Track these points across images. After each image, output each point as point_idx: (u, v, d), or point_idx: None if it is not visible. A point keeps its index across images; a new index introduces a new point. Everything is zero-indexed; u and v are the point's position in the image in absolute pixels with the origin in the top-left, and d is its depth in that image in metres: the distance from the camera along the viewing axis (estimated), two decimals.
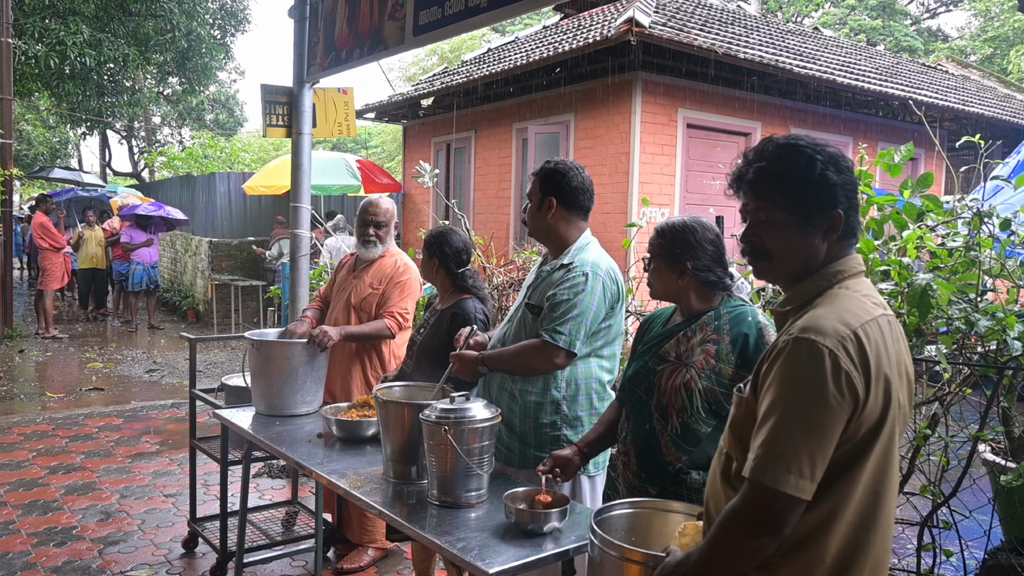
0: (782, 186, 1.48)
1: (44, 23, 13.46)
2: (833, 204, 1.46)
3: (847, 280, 1.48)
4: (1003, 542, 3.16)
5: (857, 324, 1.37)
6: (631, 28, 7.12)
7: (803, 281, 1.50)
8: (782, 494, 1.32)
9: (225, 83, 28.51)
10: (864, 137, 9.95)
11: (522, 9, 3.26)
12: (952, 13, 29.71)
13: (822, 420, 1.32)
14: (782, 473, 1.31)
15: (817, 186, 1.46)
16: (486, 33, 21.07)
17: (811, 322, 1.38)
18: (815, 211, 1.47)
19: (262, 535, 3.85)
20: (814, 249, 1.49)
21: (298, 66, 4.92)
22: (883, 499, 1.42)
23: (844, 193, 1.47)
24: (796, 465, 1.31)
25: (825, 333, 1.34)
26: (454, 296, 3.19)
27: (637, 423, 2.16)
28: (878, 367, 1.36)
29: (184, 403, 6.97)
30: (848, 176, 1.48)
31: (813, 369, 1.32)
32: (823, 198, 1.46)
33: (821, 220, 1.47)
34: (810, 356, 1.33)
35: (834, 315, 1.38)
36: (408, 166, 12.19)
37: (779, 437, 1.33)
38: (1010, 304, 2.69)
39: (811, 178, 1.46)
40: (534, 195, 2.67)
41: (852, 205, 1.48)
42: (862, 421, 1.35)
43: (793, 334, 1.37)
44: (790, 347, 1.36)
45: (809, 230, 1.47)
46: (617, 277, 2.63)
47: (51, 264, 10.96)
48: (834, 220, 1.46)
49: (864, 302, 1.43)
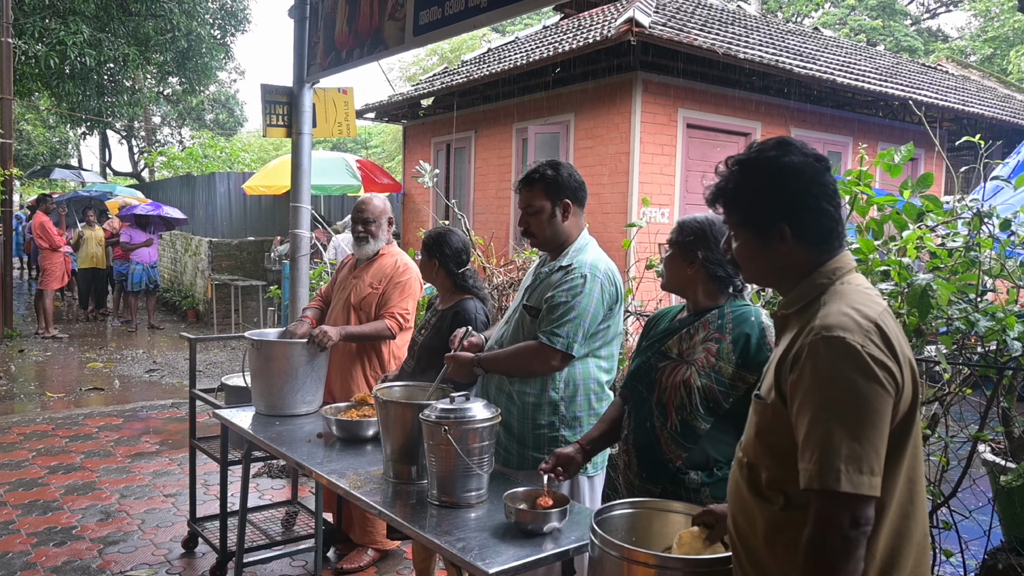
0: (734, 203, 1.56)
1: (44, 23, 13.46)
2: (779, 218, 1.49)
3: (846, 276, 1.49)
4: (1003, 542, 3.15)
5: (875, 315, 1.38)
6: (631, 28, 7.12)
7: (800, 283, 1.51)
8: (856, 497, 1.28)
9: (225, 83, 28.52)
10: (864, 137, 9.95)
11: (522, 9, 3.26)
12: (952, 13, 29.72)
13: (872, 414, 1.31)
14: (852, 475, 1.28)
15: (761, 202, 1.52)
16: (486, 33, 21.07)
17: (830, 320, 1.37)
18: (764, 225, 1.51)
19: (262, 535, 3.85)
20: (779, 258, 1.52)
21: (298, 66, 4.92)
22: (917, 485, 1.43)
23: (794, 204, 1.49)
24: (859, 464, 1.29)
25: (849, 329, 1.35)
26: (454, 296, 3.19)
27: (638, 421, 2.16)
28: (903, 352, 1.37)
29: (184, 403, 6.97)
30: (805, 186, 1.49)
31: (851, 365, 1.32)
32: (768, 213, 1.51)
33: (774, 233, 1.50)
34: (845, 354, 1.33)
35: (850, 309, 1.38)
36: (408, 166, 12.19)
37: (834, 440, 1.29)
38: (1010, 304, 2.69)
39: (755, 194, 1.52)
40: (541, 203, 2.61)
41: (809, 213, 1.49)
42: (899, 408, 1.36)
43: (817, 335, 1.36)
44: (820, 348, 1.35)
45: (770, 241, 1.51)
46: (616, 278, 2.62)
47: (51, 264, 10.96)
48: (781, 232, 1.50)
49: (870, 294, 1.45)
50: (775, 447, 1.44)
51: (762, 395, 1.51)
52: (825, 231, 1.50)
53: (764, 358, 2.01)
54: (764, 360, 2.01)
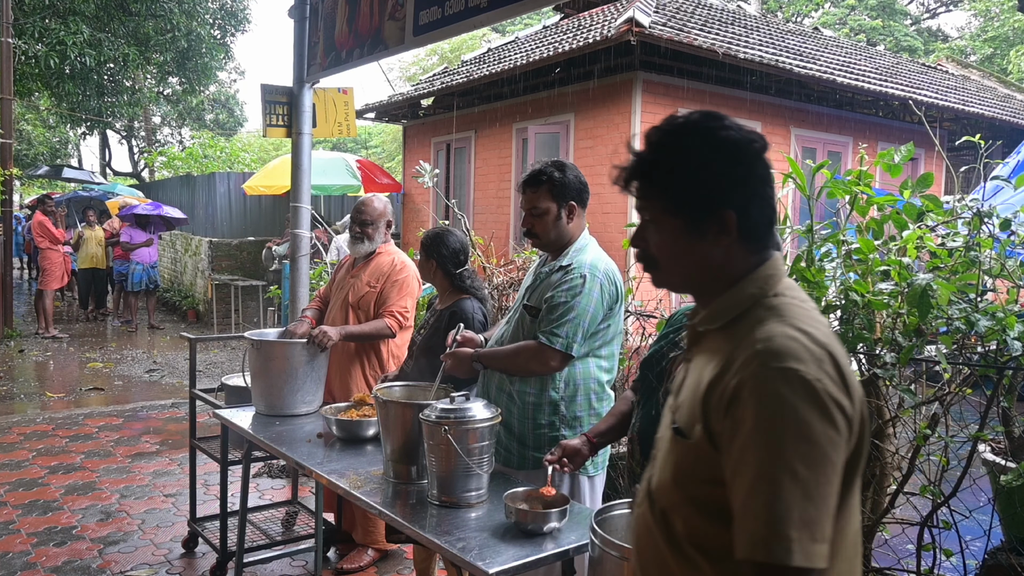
0: (662, 182, 1.24)
1: (44, 23, 13.46)
2: (722, 202, 1.20)
3: (780, 287, 1.21)
4: (1003, 542, 3.16)
5: (825, 339, 1.12)
6: (631, 28, 7.12)
7: (726, 292, 1.23)
8: (809, 572, 1.01)
9: (225, 83, 28.53)
10: (864, 137, 9.95)
11: (522, 9, 3.26)
12: (952, 13, 29.73)
13: (828, 467, 1.05)
14: (806, 544, 1.01)
15: (701, 181, 1.21)
16: (486, 33, 21.07)
17: (775, 345, 1.09)
18: (702, 211, 1.21)
19: (262, 535, 3.85)
20: (713, 256, 1.23)
21: (298, 66, 4.92)
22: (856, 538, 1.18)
23: (741, 187, 1.21)
24: (813, 530, 1.02)
25: (801, 358, 1.07)
26: (453, 296, 3.20)
27: (645, 410, 2.17)
28: (854, 383, 1.12)
29: (184, 403, 6.97)
30: (751, 166, 1.22)
31: (805, 406, 1.04)
32: (709, 195, 1.21)
33: (713, 221, 1.21)
34: (800, 390, 1.05)
35: (797, 332, 1.11)
36: (408, 166, 12.19)
37: (784, 501, 1.02)
38: (1010, 304, 2.69)
39: (694, 172, 1.21)
40: (546, 204, 2.60)
41: (756, 200, 1.22)
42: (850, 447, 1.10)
43: (762, 365, 1.08)
44: (768, 383, 1.07)
45: (699, 234, 1.22)
46: (616, 278, 2.63)
47: (51, 264, 10.96)
48: (725, 221, 1.20)
49: (810, 310, 1.19)
50: (698, 499, 1.16)
51: (683, 430, 1.20)
52: (768, 226, 1.24)
53: None
54: None
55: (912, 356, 2.55)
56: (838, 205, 3.10)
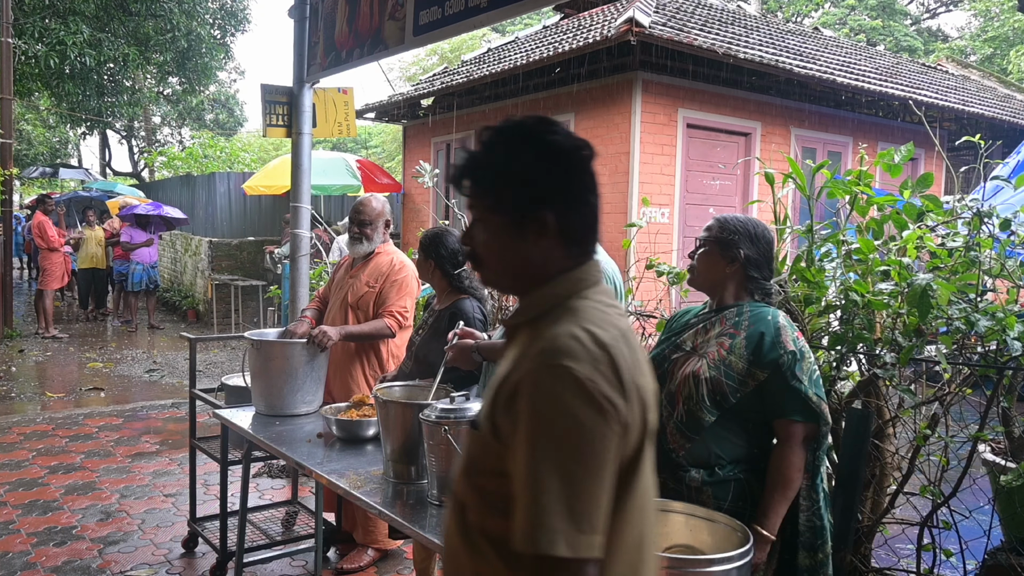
0: (486, 182, 1.28)
1: (44, 23, 13.46)
2: (543, 204, 1.23)
3: (587, 290, 1.25)
4: (1003, 542, 3.15)
5: (609, 340, 1.15)
6: (631, 28, 7.12)
7: (534, 292, 1.27)
8: (576, 562, 1.06)
9: (225, 83, 28.51)
10: (864, 137, 9.95)
11: (522, 9, 3.26)
12: (952, 13, 29.72)
13: (596, 462, 1.09)
14: (571, 535, 1.06)
15: (524, 183, 1.24)
16: (486, 33, 21.07)
17: (557, 343, 1.14)
18: (523, 211, 1.24)
19: (262, 535, 3.85)
20: (533, 256, 1.26)
21: (298, 66, 4.92)
22: (647, 539, 1.22)
23: (562, 191, 1.24)
24: (579, 521, 1.06)
25: (576, 356, 1.12)
26: (451, 296, 3.20)
27: None
28: (634, 383, 1.16)
29: (184, 403, 6.97)
30: (574, 172, 1.25)
31: (575, 402, 1.09)
32: (531, 197, 1.24)
33: (533, 222, 1.24)
34: (570, 387, 1.09)
35: (581, 332, 1.15)
36: (408, 166, 12.19)
37: (550, 493, 1.06)
38: (1010, 304, 2.69)
39: (518, 173, 1.25)
40: None
41: (577, 205, 1.25)
42: (627, 446, 1.15)
43: (539, 362, 1.13)
44: (541, 379, 1.12)
45: (521, 234, 1.25)
46: (616, 277, 2.63)
47: (51, 264, 10.96)
48: (545, 222, 1.23)
49: (609, 313, 1.23)
50: (486, 490, 1.20)
51: (476, 421, 1.27)
52: (588, 231, 1.28)
53: (776, 357, 2.02)
54: (775, 359, 2.02)
55: (912, 356, 2.55)
56: (838, 205, 3.10)
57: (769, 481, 2.03)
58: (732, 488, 2.04)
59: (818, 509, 2.08)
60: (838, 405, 2.77)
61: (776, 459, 2.03)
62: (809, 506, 2.06)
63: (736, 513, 2.01)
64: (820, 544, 2.08)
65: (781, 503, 2.01)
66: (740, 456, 2.07)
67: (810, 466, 2.07)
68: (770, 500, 2.01)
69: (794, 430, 2.02)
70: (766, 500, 2.01)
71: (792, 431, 2.03)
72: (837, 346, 2.73)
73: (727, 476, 2.04)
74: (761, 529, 1.99)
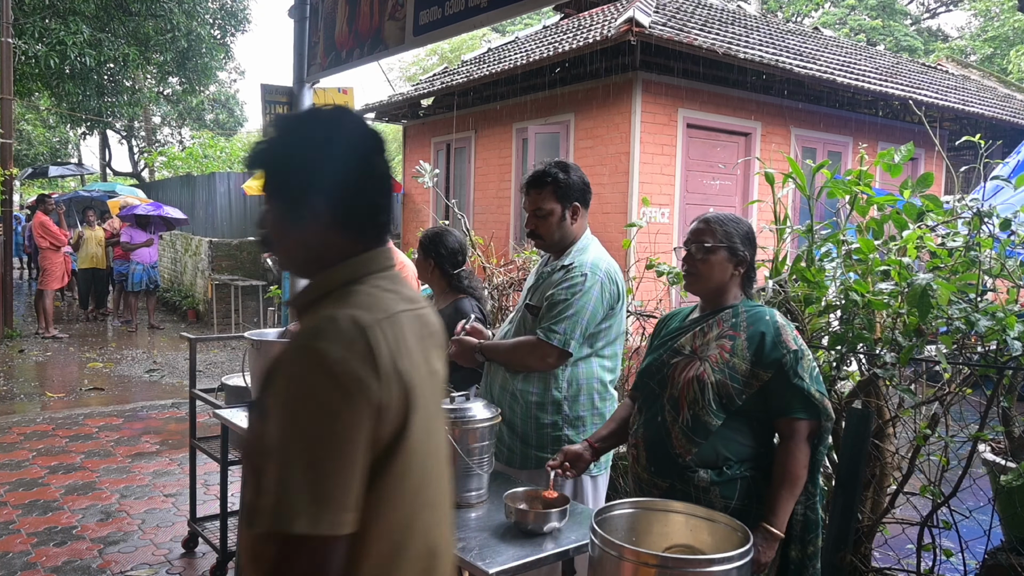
0: (267, 168, 1.32)
1: (44, 23, 13.47)
2: (312, 190, 1.26)
3: (368, 276, 1.28)
4: (1003, 542, 3.15)
5: (369, 321, 1.17)
6: (631, 28, 7.12)
7: (318, 276, 1.30)
8: (317, 539, 1.07)
9: (225, 83, 28.53)
10: (864, 137, 9.95)
11: (522, 9, 3.25)
12: (952, 13, 29.73)
13: (339, 440, 1.10)
14: (311, 512, 1.06)
15: (299, 169, 1.28)
16: (486, 33, 21.07)
17: (314, 324, 1.17)
18: (298, 196, 1.27)
19: None
20: (310, 240, 1.29)
21: (298, 66, 4.91)
22: (421, 518, 1.23)
23: (337, 179, 1.26)
24: (321, 499, 1.07)
25: (327, 337, 1.14)
26: (450, 296, 3.20)
27: (649, 416, 2.17)
28: (392, 364, 1.16)
29: (184, 403, 6.97)
30: (352, 160, 1.28)
31: (321, 382, 1.11)
32: (301, 183, 1.27)
33: (306, 209, 1.27)
34: (316, 367, 1.11)
35: (342, 314, 1.18)
36: (408, 166, 12.19)
37: (291, 470, 1.08)
38: (1010, 304, 2.69)
39: (295, 159, 1.28)
40: (551, 206, 2.60)
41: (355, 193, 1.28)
42: (382, 432, 1.15)
43: (295, 342, 1.16)
44: (292, 358, 1.14)
45: (297, 219, 1.28)
46: (617, 277, 2.63)
47: (51, 264, 10.96)
48: (317, 209, 1.27)
49: (382, 298, 1.25)
50: (257, 468, 1.21)
51: (255, 402, 1.31)
52: (369, 219, 1.30)
53: (779, 357, 2.03)
54: (777, 358, 2.03)
55: (912, 356, 2.56)
56: (838, 205, 3.10)
57: (775, 479, 2.03)
58: (739, 486, 2.04)
59: (814, 504, 2.08)
60: (838, 405, 2.77)
61: (782, 457, 2.04)
62: (806, 500, 2.07)
63: (743, 511, 2.01)
64: (812, 538, 2.08)
65: (788, 500, 2.01)
66: (747, 455, 2.08)
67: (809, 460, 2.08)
68: (777, 497, 2.01)
69: (798, 427, 2.03)
70: (773, 497, 2.02)
71: (796, 428, 2.03)
72: (837, 346, 2.73)
73: (735, 475, 2.05)
74: (770, 527, 1.99)
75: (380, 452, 1.16)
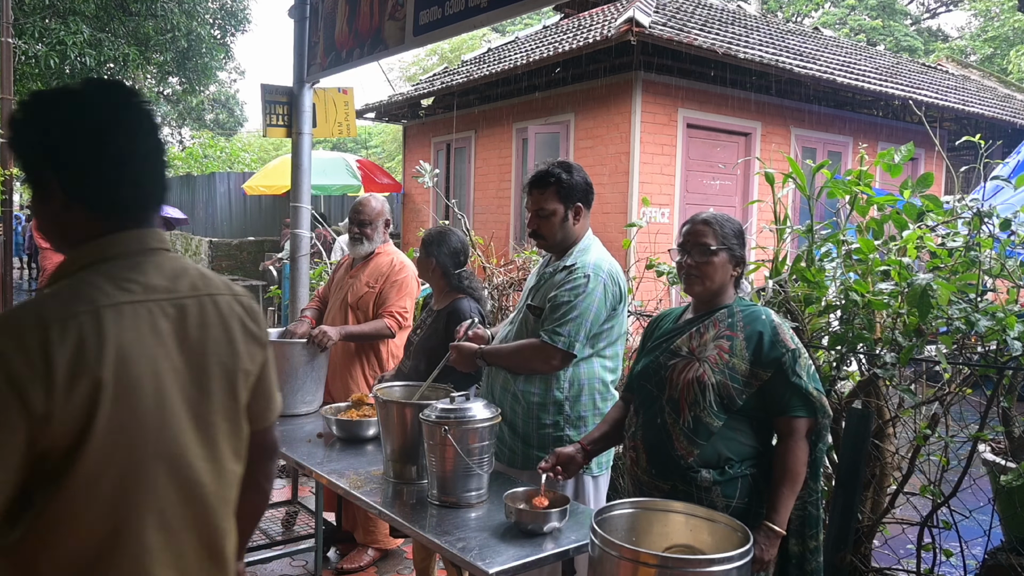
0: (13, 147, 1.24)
1: (44, 23, 13.47)
2: (48, 166, 1.19)
3: (103, 263, 1.20)
4: (1003, 542, 3.15)
5: (59, 316, 1.09)
6: (631, 28, 7.12)
7: (68, 256, 1.24)
8: None
9: (225, 83, 28.50)
10: (864, 137, 9.95)
11: (522, 9, 3.26)
12: (952, 13, 29.74)
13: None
14: None
15: (33, 143, 1.21)
16: (486, 33, 21.07)
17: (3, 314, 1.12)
18: (36, 172, 1.21)
19: (262, 535, 3.85)
20: (56, 218, 1.23)
21: (298, 66, 4.92)
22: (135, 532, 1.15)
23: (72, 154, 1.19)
24: None
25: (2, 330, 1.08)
26: (449, 296, 3.20)
27: (647, 418, 2.16)
28: (78, 364, 1.07)
29: None
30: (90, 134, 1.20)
31: None
32: (38, 158, 1.21)
33: (44, 186, 1.21)
34: None
35: (28, 306, 1.11)
36: (408, 166, 12.19)
37: None
38: (1010, 304, 2.69)
39: (30, 134, 1.22)
40: (553, 206, 2.59)
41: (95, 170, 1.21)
42: (54, 430, 1.07)
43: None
44: None
45: (39, 195, 1.22)
46: (619, 278, 2.63)
47: (51, 264, 10.94)
48: (47, 185, 1.20)
49: (100, 288, 1.15)
50: None
51: None
52: (113, 198, 1.22)
53: (777, 355, 2.03)
54: (777, 357, 2.03)
55: (912, 356, 2.56)
56: (838, 205, 3.10)
57: (776, 477, 2.03)
58: (740, 485, 2.05)
59: (815, 500, 2.09)
60: (838, 405, 2.77)
61: (782, 454, 2.04)
62: (806, 495, 2.07)
63: (745, 509, 2.02)
64: (812, 533, 2.09)
65: (789, 497, 2.02)
66: (748, 454, 2.08)
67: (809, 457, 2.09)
68: (778, 495, 2.01)
69: (797, 425, 2.04)
70: (775, 495, 2.02)
71: (796, 426, 2.04)
72: (837, 346, 2.73)
73: (736, 474, 2.05)
74: (772, 525, 1.99)
75: (57, 459, 1.08)
